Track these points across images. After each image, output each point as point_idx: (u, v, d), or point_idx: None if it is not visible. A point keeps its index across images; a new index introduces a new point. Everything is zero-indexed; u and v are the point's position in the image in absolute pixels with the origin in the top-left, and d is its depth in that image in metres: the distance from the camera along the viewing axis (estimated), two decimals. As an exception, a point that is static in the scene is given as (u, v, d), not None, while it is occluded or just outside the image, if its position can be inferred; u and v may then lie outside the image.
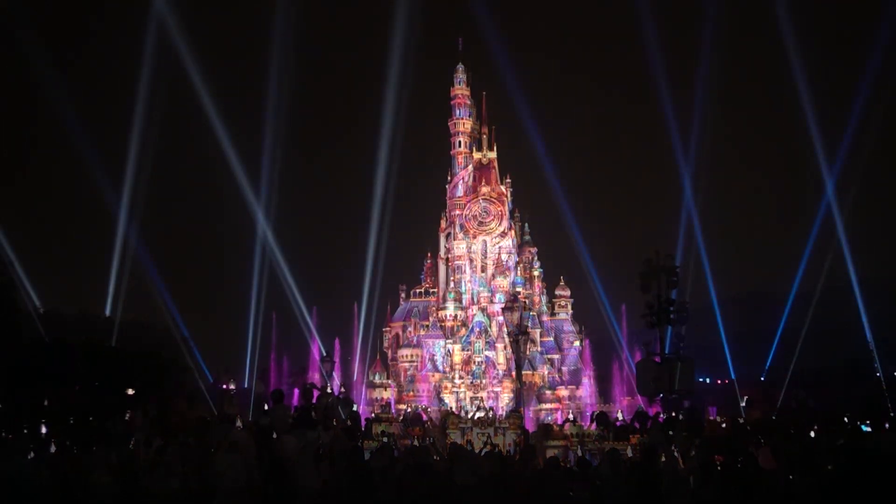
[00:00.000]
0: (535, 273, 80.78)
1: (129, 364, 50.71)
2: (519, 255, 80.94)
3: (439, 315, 75.91)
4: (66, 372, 47.88)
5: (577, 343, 75.55)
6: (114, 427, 10.42)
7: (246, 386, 66.31)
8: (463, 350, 72.82)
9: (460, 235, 78.42)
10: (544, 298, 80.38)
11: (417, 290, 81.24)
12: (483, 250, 78.76)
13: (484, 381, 71.56)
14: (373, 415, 49.16)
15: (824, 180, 75.25)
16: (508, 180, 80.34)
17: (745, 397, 54.93)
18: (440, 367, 73.53)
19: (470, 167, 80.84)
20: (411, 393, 70.88)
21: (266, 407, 11.62)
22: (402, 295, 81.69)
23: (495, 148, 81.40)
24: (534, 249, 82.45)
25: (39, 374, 43.16)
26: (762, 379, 70.57)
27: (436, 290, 79.96)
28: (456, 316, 75.20)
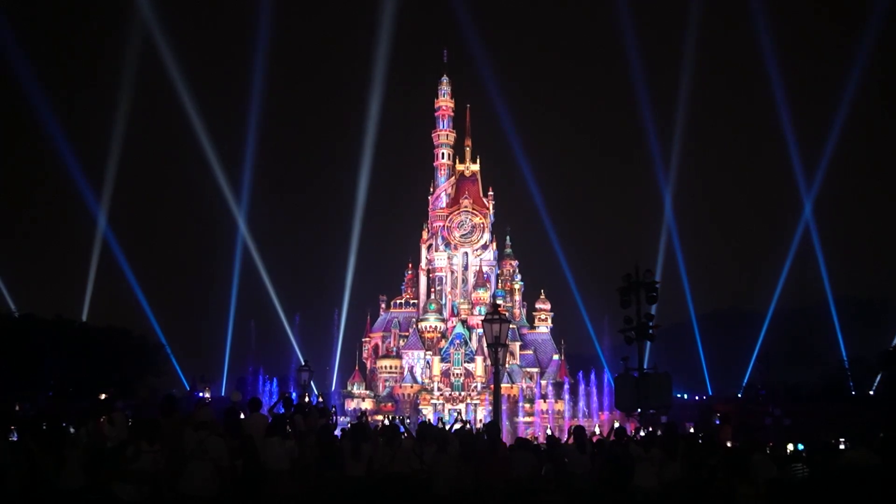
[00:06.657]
0: (516, 286, 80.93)
1: (103, 369, 50.18)
2: (500, 267, 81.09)
3: (419, 326, 75.75)
4: (39, 376, 47.28)
5: (556, 357, 75.64)
6: (87, 433, 10.26)
7: (223, 394, 65.73)
8: (442, 362, 72.69)
9: (442, 247, 78.40)
10: (524, 312, 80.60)
11: (398, 301, 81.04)
12: (464, 262, 78.77)
13: (463, 393, 71.49)
14: (348, 425, 48.88)
15: (802, 199, 76.36)
16: (491, 193, 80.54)
17: (718, 414, 55.14)
18: (419, 379, 73.33)
19: (452, 179, 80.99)
20: (390, 404, 70.54)
21: (242, 416, 11.51)
22: (383, 305, 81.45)
23: (478, 160, 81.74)
24: (515, 262, 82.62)
25: (10, 380, 42.57)
26: (739, 395, 71.03)
27: (416, 301, 79.81)
28: (436, 328, 75.05)
